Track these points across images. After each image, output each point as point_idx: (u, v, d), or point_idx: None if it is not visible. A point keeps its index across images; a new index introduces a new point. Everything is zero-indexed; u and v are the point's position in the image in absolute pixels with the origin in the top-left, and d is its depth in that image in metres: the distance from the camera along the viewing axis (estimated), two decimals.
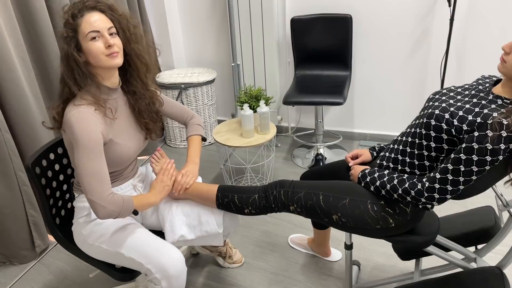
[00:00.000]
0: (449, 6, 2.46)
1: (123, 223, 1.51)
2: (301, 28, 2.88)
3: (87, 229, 1.50)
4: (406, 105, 2.99)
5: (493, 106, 1.19)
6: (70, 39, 1.30)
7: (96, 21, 1.31)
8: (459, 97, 1.30)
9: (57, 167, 1.62)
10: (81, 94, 1.35)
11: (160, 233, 1.61)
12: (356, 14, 2.83)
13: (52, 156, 1.59)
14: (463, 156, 1.17)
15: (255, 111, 2.54)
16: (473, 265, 1.62)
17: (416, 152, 1.32)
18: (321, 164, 2.96)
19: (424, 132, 1.29)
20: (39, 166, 1.51)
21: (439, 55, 2.75)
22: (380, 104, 3.07)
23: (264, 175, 2.88)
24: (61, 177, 1.64)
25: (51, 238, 2.32)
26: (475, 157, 1.15)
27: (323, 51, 2.91)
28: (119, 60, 1.36)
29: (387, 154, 1.44)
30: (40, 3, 2.11)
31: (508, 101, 1.20)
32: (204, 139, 1.77)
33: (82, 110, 1.31)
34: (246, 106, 2.44)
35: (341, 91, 2.63)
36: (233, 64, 3.15)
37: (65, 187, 1.67)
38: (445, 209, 2.36)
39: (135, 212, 1.40)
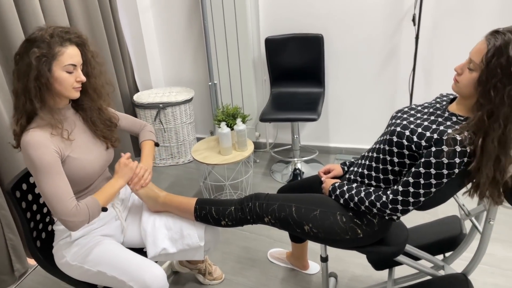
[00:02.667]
0: (414, 25, 2.60)
1: (103, 242, 1.54)
2: (275, 47, 2.98)
3: (68, 250, 1.52)
4: (378, 120, 3.11)
5: (448, 123, 1.29)
6: (44, 62, 1.33)
7: (76, 55, 1.39)
8: (419, 114, 1.39)
9: (37, 190, 1.64)
10: (40, 114, 1.38)
11: (141, 252, 1.65)
12: (327, 34, 2.94)
13: (32, 179, 1.62)
14: (422, 170, 1.26)
15: (232, 129, 2.61)
16: (442, 272, 1.70)
17: (381, 166, 1.40)
18: (299, 178, 3.03)
19: (387, 148, 1.37)
20: (19, 190, 1.54)
21: (407, 72, 2.88)
22: (354, 119, 3.18)
23: (243, 191, 2.94)
24: (41, 200, 1.67)
25: (30, 261, 2.31)
26: (433, 171, 1.24)
27: (297, 69, 3.01)
28: (79, 94, 1.46)
29: (356, 168, 1.52)
30: (16, 26, 2.14)
31: (462, 118, 1.30)
32: (157, 145, 1.81)
33: (31, 132, 1.34)
34: (223, 124, 2.51)
35: (315, 108, 2.73)
36: (210, 83, 3.22)
37: (45, 210, 1.69)
38: (417, 219, 2.46)
39: (104, 209, 1.44)
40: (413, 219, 2.46)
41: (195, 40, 3.32)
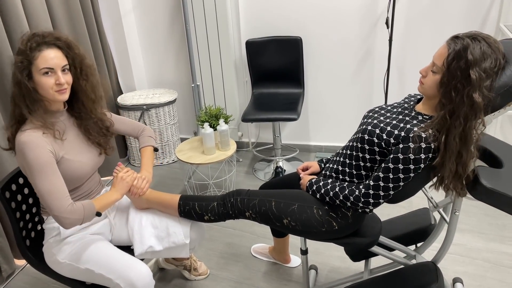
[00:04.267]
0: (387, 28, 2.72)
1: (92, 240, 1.60)
2: (256, 49, 3.06)
3: (58, 248, 1.58)
4: (356, 118, 3.22)
5: (414, 121, 1.39)
6: (23, 68, 1.38)
7: (52, 58, 1.39)
8: (388, 114, 1.50)
9: (26, 190, 1.69)
10: (30, 118, 1.43)
11: (128, 249, 1.71)
12: (306, 36, 3.04)
13: (21, 180, 1.67)
14: (391, 165, 1.36)
15: (215, 129, 2.68)
16: (414, 261, 1.81)
17: (354, 163, 1.50)
18: (280, 176, 3.12)
19: (359, 145, 1.47)
20: (9, 191, 1.59)
21: (382, 72, 3.00)
22: (332, 118, 3.29)
23: (227, 190, 3.01)
24: (30, 200, 1.72)
25: (17, 262, 2.35)
26: (401, 166, 1.34)
27: (277, 71, 3.11)
28: (66, 96, 1.46)
29: (331, 165, 1.62)
30: (0, 33, 2.18)
31: (427, 117, 1.40)
32: (156, 149, 1.86)
33: (27, 134, 1.39)
34: (206, 125, 2.58)
35: (295, 108, 2.82)
36: (193, 85, 3.28)
37: (34, 210, 1.74)
38: (394, 212, 2.58)
39: (98, 214, 1.48)
40: (389, 213, 2.58)
41: (177, 42, 3.38)
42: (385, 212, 2.58)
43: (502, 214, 2.49)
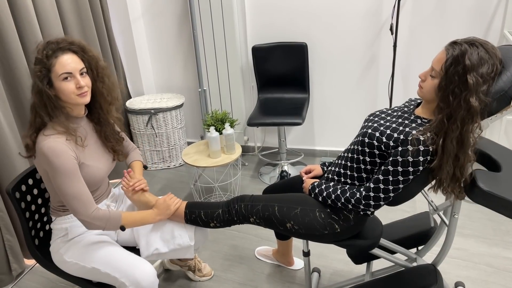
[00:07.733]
0: (392, 34, 2.75)
1: (98, 241, 1.64)
2: (262, 55, 3.11)
3: (65, 248, 1.62)
4: (360, 123, 3.25)
5: (413, 125, 1.42)
6: (43, 77, 1.42)
7: (69, 63, 1.43)
8: (388, 118, 1.53)
9: (35, 191, 1.74)
10: (51, 124, 1.47)
11: (133, 249, 1.75)
12: (311, 42, 3.08)
13: (30, 181, 1.72)
14: (390, 168, 1.38)
15: (221, 133, 2.72)
16: (415, 264, 1.83)
17: (355, 165, 1.53)
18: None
19: (360, 148, 1.50)
20: (19, 191, 1.64)
21: (387, 77, 3.03)
22: (337, 123, 3.32)
23: (232, 193, 3.05)
24: (39, 200, 1.77)
25: (27, 262, 2.40)
26: (400, 168, 1.37)
27: (282, 76, 3.15)
28: (87, 98, 1.50)
29: (333, 168, 1.65)
30: (14, 40, 2.24)
31: (426, 121, 1.43)
32: (145, 167, 1.93)
33: (52, 140, 1.43)
34: (212, 128, 2.62)
35: (300, 112, 2.86)
36: (199, 90, 3.34)
37: (42, 210, 1.79)
38: (397, 216, 2.59)
39: (122, 228, 1.54)
40: (393, 217, 2.59)
41: (185, 48, 3.44)
42: (389, 216, 2.60)
43: (506, 219, 2.50)
